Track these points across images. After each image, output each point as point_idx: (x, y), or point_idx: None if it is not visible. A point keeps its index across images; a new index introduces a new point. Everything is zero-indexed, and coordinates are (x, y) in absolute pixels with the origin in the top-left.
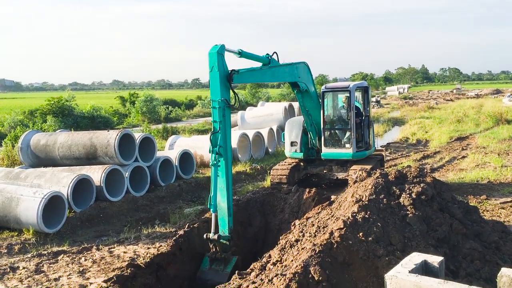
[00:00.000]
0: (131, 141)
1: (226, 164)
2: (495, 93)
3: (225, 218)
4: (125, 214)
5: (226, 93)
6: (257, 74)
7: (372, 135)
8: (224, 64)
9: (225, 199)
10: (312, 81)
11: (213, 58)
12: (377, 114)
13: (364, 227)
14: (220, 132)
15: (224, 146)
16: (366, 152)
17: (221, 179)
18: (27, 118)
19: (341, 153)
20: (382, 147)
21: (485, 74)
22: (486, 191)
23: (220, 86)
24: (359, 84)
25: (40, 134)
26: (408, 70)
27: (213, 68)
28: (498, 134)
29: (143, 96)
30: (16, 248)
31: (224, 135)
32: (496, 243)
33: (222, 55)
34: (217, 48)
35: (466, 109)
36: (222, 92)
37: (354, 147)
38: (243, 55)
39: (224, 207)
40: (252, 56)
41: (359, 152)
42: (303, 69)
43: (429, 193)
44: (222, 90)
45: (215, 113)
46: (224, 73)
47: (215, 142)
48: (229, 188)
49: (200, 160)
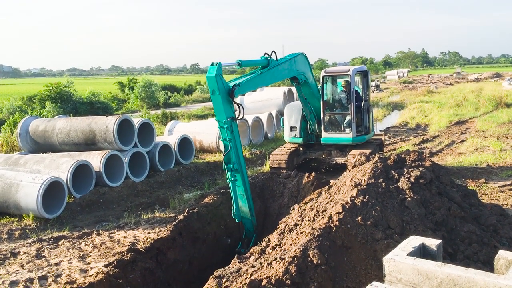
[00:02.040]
0: (130, 127)
1: (242, 175)
2: (495, 77)
3: (249, 220)
4: (125, 200)
5: (231, 110)
6: (257, 80)
7: (372, 119)
8: (224, 83)
9: (246, 203)
10: (311, 70)
11: (212, 82)
12: (377, 99)
13: (363, 211)
14: (232, 150)
15: (237, 160)
16: (366, 137)
17: (239, 188)
18: (25, 104)
19: (341, 138)
20: (382, 131)
21: (485, 58)
22: (485, 174)
23: (223, 106)
24: (358, 68)
25: (39, 120)
26: (408, 54)
27: (214, 91)
28: (498, 118)
29: (142, 82)
30: (16, 234)
31: (235, 151)
32: (494, 226)
33: (220, 76)
34: (214, 71)
35: (465, 93)
36: (227, 111)
37: (354, 132)
38: (242, 65)
39: (246, 211)
40: (251, 62)
41: (359, 137)
42: (301, 60)
43: (427, 177)
44: (227, 109)
45: (223, 133)
46: (225, 92)
47: (228, 160)
48: (248, 193)
49: (200, 145)
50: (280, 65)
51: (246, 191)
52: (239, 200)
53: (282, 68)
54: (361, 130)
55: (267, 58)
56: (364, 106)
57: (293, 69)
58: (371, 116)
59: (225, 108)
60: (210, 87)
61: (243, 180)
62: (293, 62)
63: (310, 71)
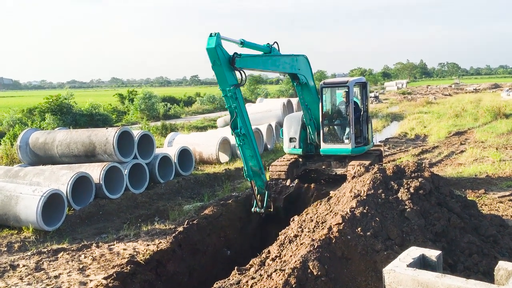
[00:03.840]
0: (130, 139)
1: (250, 138)
2: (494, 88)
3: (260, 178)
4: (125, 211)
5: (233, 77)
6: (258, 60)
7: (371, 130)
8: (224, 52)
9: (255, 163)
10: (312, 75)
11: (212, 53)
12: (376, 110)
13: (363, 222)
14: (238, 116)
15: (244, 124)
16: (365, 148)
17: (248, 151)
18: (25, 116)
19: (340, 149)
20: (381, 142)
21: (483, 69)
22: (485, 185)
23: (226, 74)
24: (357, 79)
25: (39, 132)
26: (407, 65)
27: (215, 62)
28: (497, 128)
29: (142, 94)
30: (16, 246)
31: (241, 116)
32: (494, 237)
33: (220, 46)
34: (214, 42)
35: (464, 104)
36: (230, 79)
37: (353, 143)
38: (245, 45)
39: (256, 170)
40: (254, 45)
41: (358, 148)
42: (303, 61)
43: (427, 187)
44: (229, 78)
45: (228, 101)
46: (226, 61)
47: (235, 126)
48: (257, 153)
49: (199, 157)
50: (282, 57)
51: (255, 152)
52: (248, 162)
53: (283, 60)
54: (360, 141)
55: (269, 45)
56: (363, 117)
57: (294, 66)
58: (370, 127)
59: (227, 77)
60: (211, 58)
61: (250, 143)
62: (295, 60)
63: (311, 75)
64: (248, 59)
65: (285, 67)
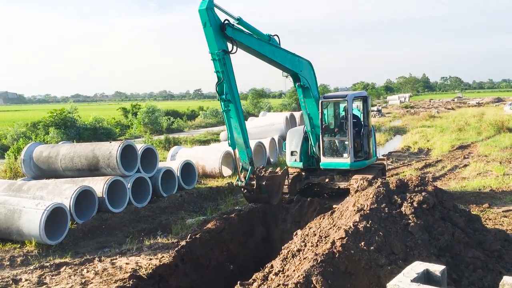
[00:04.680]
0: (133, 152)
1: (236, 107)
2: (496, 102)
3: (243, 150)
4: (127, 225)
5: (223, 43)
6: (254, 41)
7: (373, 144)
8: (216, 17)
9: (240, 135)
10: (315, 83)
11: (203, 15)
12: (379, 123)
13: (366, 236)
14: (224, 81)
15: (231, 91)
16: (366, 162)
17: (234, 120)
18: (29, 130)
19: (339, 163)
20: (384, 156)
21: (486, 83)
22: (488, 199)
23: (215, 38)
24: (357, 93)
25: (43, 146)
26: (409, 79)
27: (206, 24)
28: (500, 142)
29: (145, 107)
30: (18, 260)
31: (228, 82)
32: (498, 252)
33: (212, 9)
34: (206, 4)
35: (467, 118)
36: (219, 43)
37: (352, 157)
38: (241, 22)
39: (241, 142)
40: (252, 27)
41: (358, 162)
42: (306, 66)
43: (430, 201)
44: (218, 42)
45: (216, 65)
46: (217, 25)
47: (221, 91)
48: (242, 125)
49: (202, 171)
50: (283, 50)
51: (240, 123)
52: (233, 132)
53: (284, 53)
54: (361, 155)
55: (270, 35)
56: (364, 131)
57: (296, 66)
58: (373, 141)
59: (216, 41)
60: (202, 19)
61: (236, 112)
62: (297, 60)
63: (315, 83)
64: (242, 34)
65: (285, 61)
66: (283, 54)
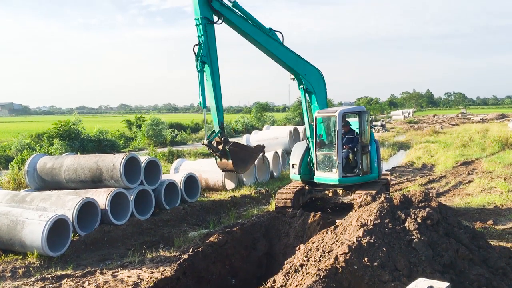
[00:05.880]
0: (137, 165)
1: (212, 70)
2: (500, 118)
3: (215, 115)
4: (130, 238)
5: (207, 12)
6: (247, 25)
7: (375, 160)
8: None
9: (213, 99)
10: (322, 93)
11: None
12: (382, 138)
13: (369, 252)
14: (203, 45)
15: (208, 55)
16: (359, 178)
17: (208, 83)
18: (34, 141)
19: (328, 178)
20: (388, 171)
21: (490, 99)
22: (493, 216)
23: (199, 5)
24: (348, 109)
25: (47, 157)
26: (413, 94)
27: None
28: (504, 159)
29: (149, 120)
30: (20, 272)
31: (207, 47)
32: (503, 269)
33: None
34: None
35: (471, 134)
36: (202, 10)
37: (340, 172)
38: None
39: (213, 106)
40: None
41: (348, 178)
42: (314, 73)
43: (434, 217)
44: (202, 9)
45: (198, 29)
46: None
47: (198, 52)
48: (217, 90)
49: (205, 184)
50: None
51: (215, 87)
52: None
53: (284, 50)
54: (356, 171)
55: (271, 29)
56: (358, 146)
57: (299, 67)
58: (375, 157)
59: (200, 8)
60: None
61: (212, 75)
62: (302, 63)
63: (323, 93)
64: (232, 13)
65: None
66: (283, 50)
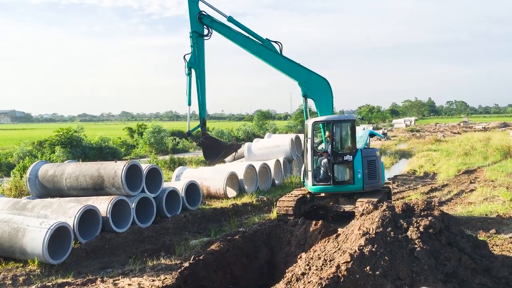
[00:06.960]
0: (138, 172)
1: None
2: (503, 126)
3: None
4: (131, 246)
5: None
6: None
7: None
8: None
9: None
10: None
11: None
12: (384, 147)
13: (371, 260)
14: (191, 54)
15: (195, 63)
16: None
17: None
18: (36, 148)
19: (307, 185)
20: (389, 179)
21: (492, 107)
22: (495, 225)
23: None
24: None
25: (48, 165)
26: (415, 103)
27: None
28: (507, 167)
29: (151, 127)
30: (21, 280)
31: (195, 56)
32: (506, 279)
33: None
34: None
35: (473, 142)
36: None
37: (312, 180)
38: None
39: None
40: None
41: (318, 186)
42: (318, 82)
43: (437, 226)
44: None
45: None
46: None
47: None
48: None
49: (207, 191)
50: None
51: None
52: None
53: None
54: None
55: (268, 40)
56: (331, 156)
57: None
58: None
59: (191, 23)
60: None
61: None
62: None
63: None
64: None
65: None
66: (279, 59)
